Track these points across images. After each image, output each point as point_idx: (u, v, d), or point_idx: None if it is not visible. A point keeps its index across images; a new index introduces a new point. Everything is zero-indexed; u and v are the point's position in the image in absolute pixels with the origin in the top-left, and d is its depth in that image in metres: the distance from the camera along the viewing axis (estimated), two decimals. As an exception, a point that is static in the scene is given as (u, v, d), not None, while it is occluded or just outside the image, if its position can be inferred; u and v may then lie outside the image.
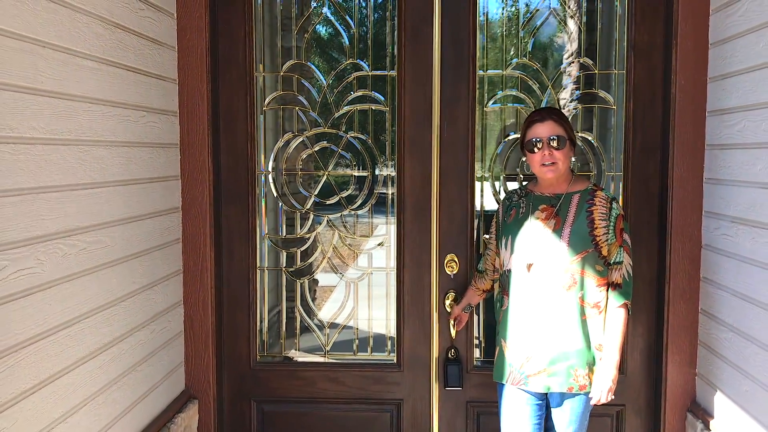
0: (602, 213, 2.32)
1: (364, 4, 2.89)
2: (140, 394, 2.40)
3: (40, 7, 1.77)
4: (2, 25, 1.61)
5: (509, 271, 2.40)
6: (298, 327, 3.03)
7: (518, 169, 2.94)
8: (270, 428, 2.97)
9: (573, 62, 2.93)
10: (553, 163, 2.32)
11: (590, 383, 2.31)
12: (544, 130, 2.33)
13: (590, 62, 2.87)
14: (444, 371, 2.83)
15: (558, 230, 2.32)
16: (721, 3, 2.50)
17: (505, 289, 2.44)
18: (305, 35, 2.92)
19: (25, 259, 1.71)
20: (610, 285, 2.34)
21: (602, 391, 2.28)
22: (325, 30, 2.96)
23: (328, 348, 2.99)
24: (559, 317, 2.30)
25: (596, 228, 2.31)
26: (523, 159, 2.90)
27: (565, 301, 2.30)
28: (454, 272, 2.83)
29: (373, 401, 2.93)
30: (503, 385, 2.43)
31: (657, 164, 2.78)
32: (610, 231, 2.31)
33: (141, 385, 2.41)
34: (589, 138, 2.89)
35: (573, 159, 2.49)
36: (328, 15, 2.89)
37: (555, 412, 2.40)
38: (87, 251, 2.02)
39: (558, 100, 2.90)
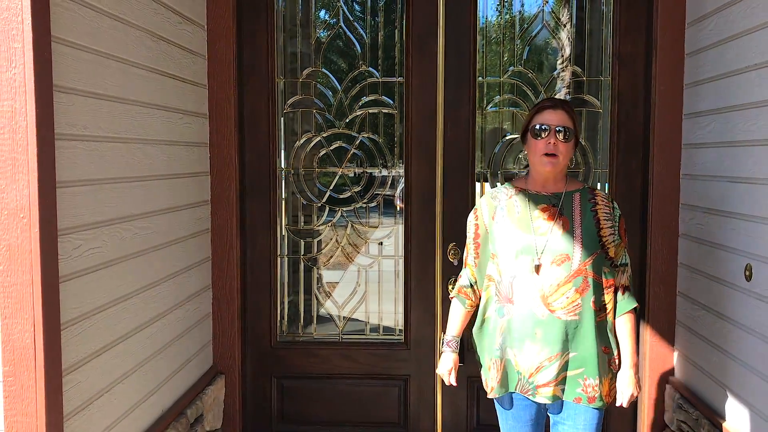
0: (606, 213, 2.24)
1: (375, 18, 3.19)
2: (177, 366, 2.69)
3: (105, 25, 2.06)
4: (78, 40, 1.91)
5: (514, 276, 2.21)
6: (314, 309, 3.33)
7: (514, 166, 3.24)
8: (289, 402, 3.27)
9: (564, 70, 3.23)
10: (555, 155, 2.19)
11: (600, 396, 2.18)
12: (554, 118, 2.20)
13: (579, 70, 3.18)
14: (447, 349, 3.12)
15: (569, 231, 2.19)
16: (695, 18, 2.81)
17: (506, 297, 2.23)
18: (322, 45, 3.22)
19: (94, 240, 2.01)
20: (619, 288, 2.24)
21: (629, 397, 2.20)
22: (340, 40, 3.25)
23: (341, 328, 3.29)
24: (573, 324, 2.15)
25: (602, 228, 2.21)
26: (520, 155, 3.21)
27: (579, 305, 2.15)
28: (457, 259, 3.12)
29: (382, 377, 3.23)
30: (503, 397, 2.30)
31: (639, 162, 3.09)
32: (616, 232, 2.23)
33: (178, 358, 2.70)
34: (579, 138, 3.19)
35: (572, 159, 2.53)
36: (343, 27, 3.19)
37: (557, 419, 2.27)
38: (139, 236, 2.31)
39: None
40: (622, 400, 2.21)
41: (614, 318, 2.23)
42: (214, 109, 3.03)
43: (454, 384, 2.39)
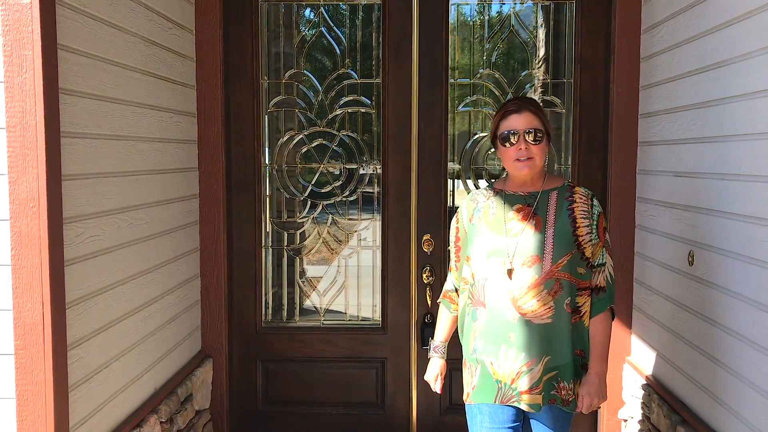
0: (584, 211, 2.17)
1: (354, 23, 3.40)
2: (169, 348, 2.89)
3: (103, 32, 2.26)
4: (80, 47, 2.10)
5: (486, 279, 2.18)
6: (297, 297, 3.53)
7: (483, 163, 3.46)
8: (273, 384, 3.48)
9: (530, 72, 3.45)
10: (529, 158, 2.14)
11: (573, 398, 2.17)
12: (520, 122, 2.14)
13: (544, 72, 3.41)
14: (421, 333, 3.34)
15: (540, 231, 2.14)
16: (648, 25, 3.05)
17: (479, 300, 2.20)
18: (304, 48, 3.42)
19: (94, 228, 2.20)
20: (594, 289, 2.19)
21: (592, 405, 2.17)
22: (321, 44, 3.45)
23: (323, 315, 3.50)
24: (546, 327, 2.11)
25: (579, 227, 2.15)
26: (490, 152, 3.43)
27: (552, 308, 2.11)
28: (431, 249, 3.34)
29: (361, 360, 3.45)
30: (480, 405, 2.22)
31: (599, 159, 3.32)
32: (593, 231, 2.17)
33: (169, 341, 2.89)
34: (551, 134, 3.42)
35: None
36: (324, 32, 3.40)
37: (532, 423, 2.24)
38: (134, 226, 2.51)
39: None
40: (582, 406, 2.17)
41: (589, 320, 2.19)
42: (202, 109, 3.22)
43: (439, 392, 2.40)
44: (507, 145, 2.17)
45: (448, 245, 2.43)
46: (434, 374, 2.40)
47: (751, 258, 2.11)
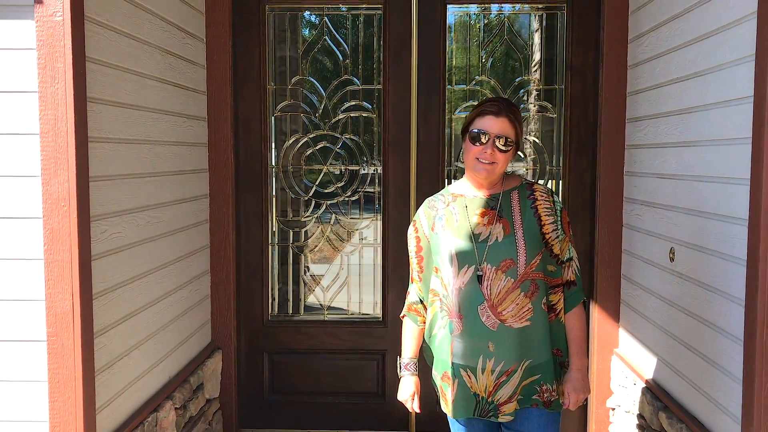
0: (547, 208, 2.15)
1: (355, 31, 3.58)
2: (182, 339, 3.06)
3: (124, 44, 2.43)
4: (104, 58, 2.28)
5: (459, 289, 2.11)
6: (302, 292, 3.71)
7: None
8: (279, 375, 3.65)
9: (524, 78, 3.63)
10: (492, 162, 2.09)
11: (556, 398, 2.15)
12: (495, 125, 2.08)
13: (537, 78, 3.58)
14: (420, 326, 3.51)
15: (510, 234, 2.10)
16: (635, 35, 3.22)
17: (454, 311, 2.11)
18: (309, 56, 3.60)
19: (116, 226, 2.38)
20: (565, 284, 2.18)
21: (575, 401, 2.15)
22: (325, 52, 3.63)
23: (326, 309, 3.67)
24: (525, 330, 2.08)
25: (545, 225, 2.13)
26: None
27: (530, 310, 2.08)
28: (428, 247, 3.52)
29: (363, 352, 3.62)
30: (460, 420, 2.23)
31: (589, 161, 3.50)
32: (559, 227, 2.15)
33: (182, 332, 3.07)
34: (536, 140, 3.60)
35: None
36: (327, 40, 3.57)
37: (509, 426, 2.18)
38: (151, 224, 2.69)
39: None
40: (569, 403, 2.15)
41: (564, 315, 2.18)
42: (212, 113, 3.40)
43: (418, 411, 2.29)
44: (475, 143, 2.10)
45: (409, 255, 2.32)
46: (410, 393, 2.27)
47: (724, 254, 2.29)
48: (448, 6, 3.50)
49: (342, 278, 3.69)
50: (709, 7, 2.40)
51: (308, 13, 3.59)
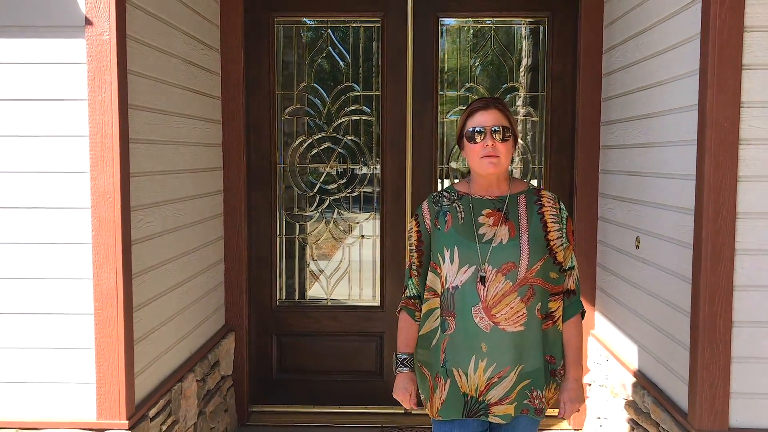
0: (553, 215, 2.14)
1: (356, 42, 3.93)
2: (200, 320, 3.41)
3: (155, 57, 2.78)
4: (140, 70, 2.62)
5: (456, 287, 2.09)
6: (307, 280, 4.06)
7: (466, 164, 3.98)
8: (286, 355, 4.00)
9: (509, 85, 3.98)
10: (495, 156, 2.08)
11: (545, 408, 2.14)
12: (487, 118, 2.09)
13: (522, 85, 3.94)
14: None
15: (515, 237, 2.09)
16: (608, 46, 3.59)
17: (449, 309, 2.11)
18: (313, 64, 3.95)
19: (150, 216, 2.72)
20: (565, 293, 2.17)
21: (574, 411, 2.17)
22: (328, 61, 3.98)
23: (330, 295, 4.02)
24: (519, 334, 2.06)
25: (550, 231, 2.12)
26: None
27: (524, 315, 2.07)
28: (422, 238, 3.87)
29: (362, 333, 3.98)
30: (447, 421, 2.17)
31: (568, 160, 3.86)
32: (563, 234, 2.14)
33: (201, 314, 3.41)
34: (521, 141, 3.96)
35: (513, 158, 2.53)
36: (331, 50, 3.93)
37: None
38: (176, 215, 3.03)
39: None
40: (564, 412, 2.17)
41: (562, 324, 2.18)
42: (226, 117, 3.75)
43: (416, 408, 2.27)
44: (473, 142, 2.10)
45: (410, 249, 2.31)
46: (408, 390, 2.23)
47: (678, 240, 2.65)
48: (441, 19, 3.86)
49: (343, 268, 4.03)
50: (664, 27, 2.76)
51: (313, 24, 3.94)
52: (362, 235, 4.01)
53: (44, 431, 2.46)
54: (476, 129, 2.10)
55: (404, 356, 2.27)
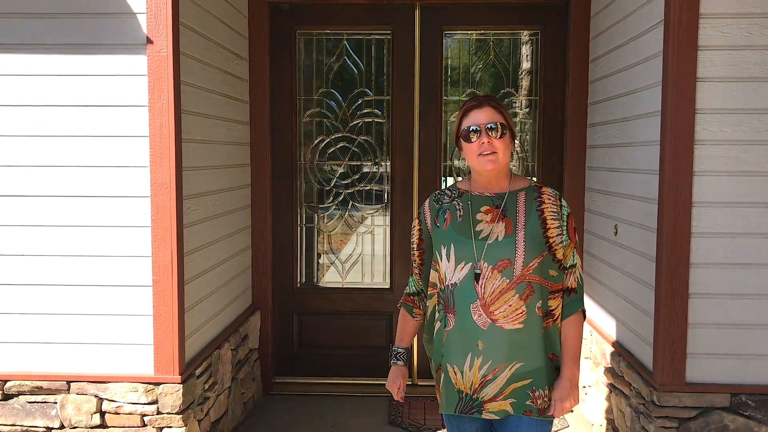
0: (553, 212, 2.11)
1: (370, 53, 4.39)
2: (233, 298, 3.87)
3: (199, 68, 3.24)
4: (188, 80, 3.08)
5: (454, 284, 2.10)
6: (324, 264, 4.52)
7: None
8: (305, 332, 4.47)
9: (506, 90, 4.43)
10: (493, 152, 2.07)
11: (549, 406, 2.10)
12: (482, 116, 2.08)
13: (517, 90, 4.40)
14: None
15: (511, 234, 2.07)
16: (594, 57, 4.04)
17: (448, 307, 2.12)
18: (331, 71, 4.41)
19: (195, 204, 3.19)
20: (566, 291, 2.13)
21: (561, 410, 2.10)
22: (344, 68, 4.44)
23: (344, 278, 4.49)
24: (517, 332, 2.04)
25: (549, 229, 2.09)
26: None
27: (523, 313, 2.04)
28: (428, 227, 4.32)
29: (374, 313, 4.44)
30: (447, 415, 2.21)
31: (558, 157, 4.31)
32: (564, 232, 2.10)
33: (233, 292, 3.88)
34: (517, 141, 4.41)
35: (513, 154, 2.61)
36: (346, 59, 4.39)
37: None
38: (214, 205, 3.49)
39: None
40: (554, 411, 2.11)
41: (560, 322, 2.14)
42: (253, 119, 4.21)
43: (401, 401, 2.32)
44: (469, 141, 2.10)
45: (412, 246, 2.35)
46: (397, 383, 2.29)
47: (646, 226, 3.10)
48: (445, 32, 4.31)
49: (356, 255, 4.49)
50: (637, 43, 3.21)
51: (330, 36, 4.40)
52: (373, 226, 4.47)
53: (111, 384, 2.93)
54: (471, 128, 2.10)
55: (398, 350, 2.32)
